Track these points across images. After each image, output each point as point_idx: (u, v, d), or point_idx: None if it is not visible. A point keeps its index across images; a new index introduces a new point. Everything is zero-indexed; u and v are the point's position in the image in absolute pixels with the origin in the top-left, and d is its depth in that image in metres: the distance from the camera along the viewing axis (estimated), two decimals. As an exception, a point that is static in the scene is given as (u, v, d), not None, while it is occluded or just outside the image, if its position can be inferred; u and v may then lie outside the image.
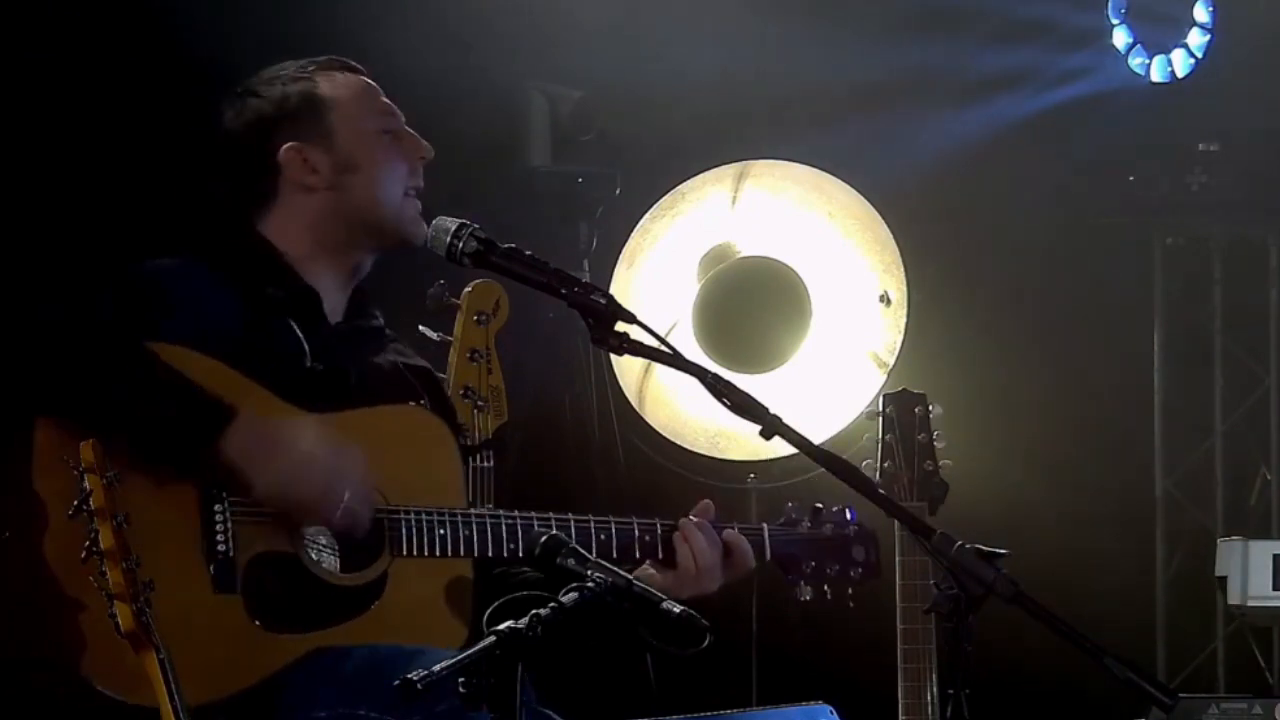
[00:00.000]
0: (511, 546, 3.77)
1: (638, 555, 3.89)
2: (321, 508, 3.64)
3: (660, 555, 3.90)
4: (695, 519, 3.94)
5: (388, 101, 3.98)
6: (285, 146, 3.86)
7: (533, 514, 3.81)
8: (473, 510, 3.78)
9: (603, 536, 3.84)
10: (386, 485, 3.73)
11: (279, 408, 3.70)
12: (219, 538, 3.62)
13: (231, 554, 3.62)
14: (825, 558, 4.05)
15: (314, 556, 3.71)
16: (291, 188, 3.88)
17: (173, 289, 3.75)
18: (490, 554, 3.76)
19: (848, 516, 4.08)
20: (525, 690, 3.00)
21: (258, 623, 3.62)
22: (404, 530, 3.72)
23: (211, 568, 3.60)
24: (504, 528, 3.77)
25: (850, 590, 4.07)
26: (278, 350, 3.78)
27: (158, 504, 3.57)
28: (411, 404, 3.88)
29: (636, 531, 3.88)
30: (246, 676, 3.60)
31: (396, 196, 3.89)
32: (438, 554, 3.73)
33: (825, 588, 4.06)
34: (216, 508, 3.62)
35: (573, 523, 3.83)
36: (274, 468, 3.60)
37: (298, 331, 3.82)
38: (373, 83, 3.98)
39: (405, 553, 3.72)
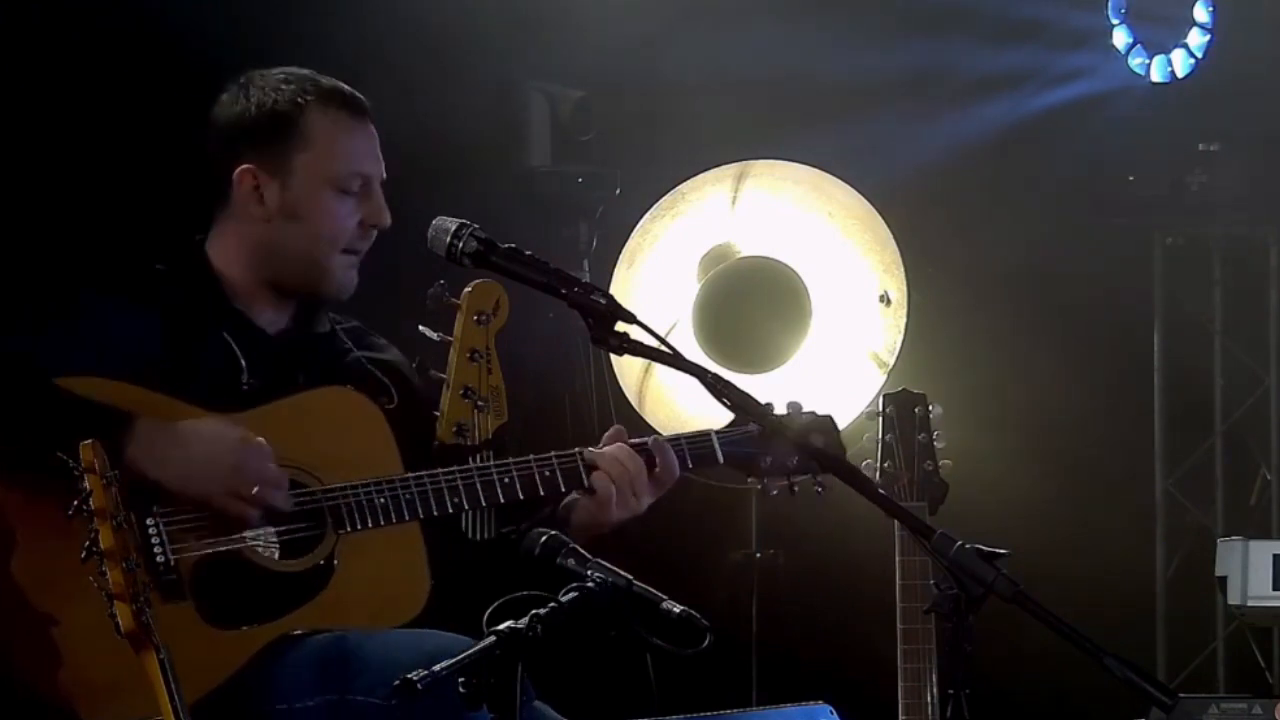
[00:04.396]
0: (455, 501, 3.79)
1: (542, 492, 3.88)
2: (230, 502, 3.65)
3: (564, 488, 3.90)
4: (616, 445, 3.94)
5: (374, 156, 3.94)
6: (242, 166, 3.87)
7: (471, 466, 3.81)
8: (410, 475, 3.79)
9: (505, 480, 3.84)
10: (319, 466, 3.75)
11: (197, 415, 3.71)
12: (156, 550, 3.64)
13: (173, 563, 3.64)
14: (783, 450, 4.00)
15: (259, 549, 3.71)
16: (239, 206, 3.90)
17: (84, 321, 3.76)
18: (435, 513, 3.77)
19: (800, 406, 4.04)
20: (525, 688, 3.00)
21: (212, 624, 3.64)
22: (343, 506, 3.74)
23: (156, 582, 3.60)
24: (444, 484, 3.78)
25: (818, 481, 4.03)
26: (210, 371, 3.80)
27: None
28: (341, 386, 3.86)
29: (534, 468, 3.87)
30: (212, 677, 3.62)
31: (331, 259, 3.89)
32: (381, 522, 3.74)
33: (790, 481, 4.03)
34: (149, 521, 3.64)
35: (513, 465, 3.83)
36: (176, 468, 3.62)
37: (234, 347, 3.83)
38: (369, 130, 3.95)
39: (349, 528, 3.73)
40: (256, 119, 3.88)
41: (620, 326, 3.40)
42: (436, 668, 2.94)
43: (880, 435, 4.37)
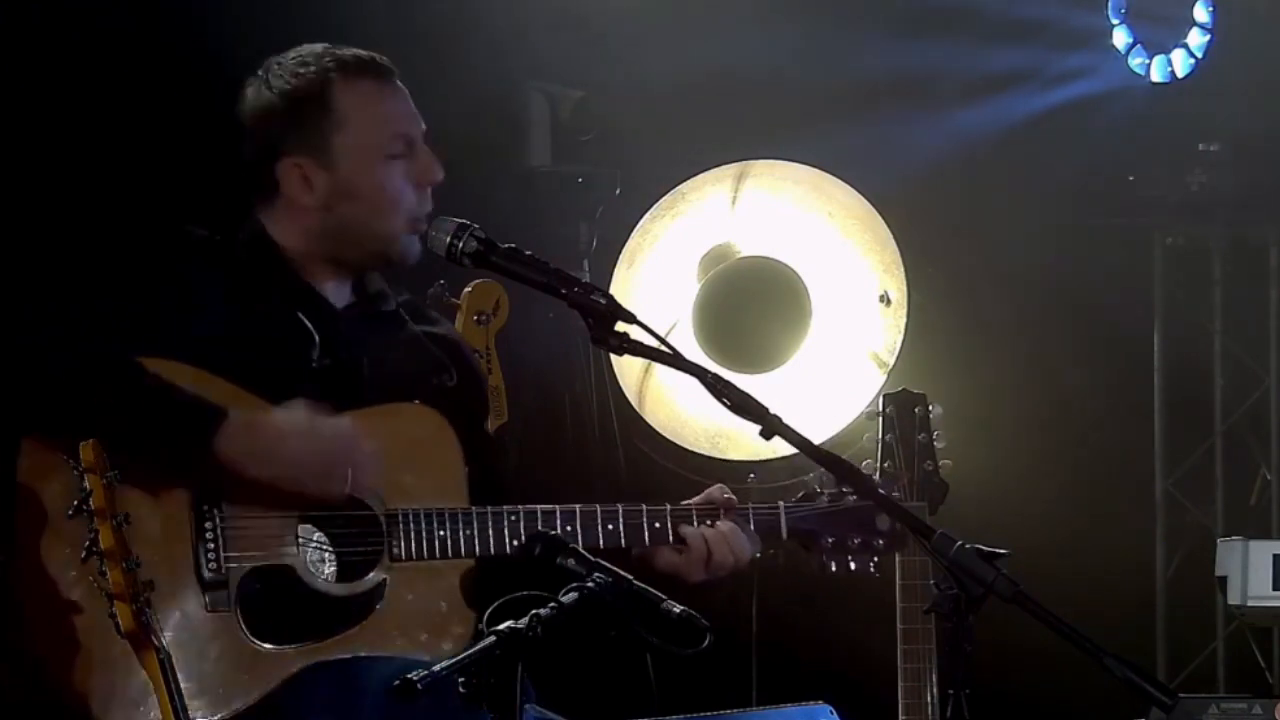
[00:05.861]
0: (515, 543, 3.72)
1: (648, 542, 3.85)
2: (328, 487, 3.60)
3: (670, 540, 3.87)
4: (730, 525, 3.92)
5: (410, 113, 3.88)
6: (285, 160, 3.81)
7: (536, 507, 3.77)
8: (474, 508, 3.74)
9: (609, 526, 3.80)
10: (384, 488, 3.70)
11: (263, 407, 3.66)
12: (210, 556, 3.59)
13: (224, 572, 3.60)
14: (846, 530, 3.98)
15: (310, 568, 3.68)
16: (289, 198, 3.83)
17: (167, 296, 3.71)
18: (492, 552, 3.72)
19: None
20: (525, 689, 3.00)
21: (254, 639, 3.59)
22: (402, 534, 3.68)
23: (204, 587, 3.59)
24: (505, 524, 3.73)
25: (875, 560, 4.00)
26: (283, 348, 3.75)
27: (149, 522, 3.55)
28: (415, 401, 3.82)
29: (645, 519, 3.84)
30: (247, 694, 3.58)
31: (395, 228, 3.82)
32: (437, 556, 3.69)
33: (849, 559, 4.00)
34: (208, 525, 3.60)
35: (578, 513, 3.79)
36: (273, 458, 3.57)
37: (307, 324, 3.78)
38: (398, 89, 3.88)
39: (404, 557, 3.68)
40: (286, 110, 3.81)
41: (620, 326, 3.40)
42: (436, 668, 2.94)
43: (880, 435, 4.37)
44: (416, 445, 3.78)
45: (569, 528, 3.77)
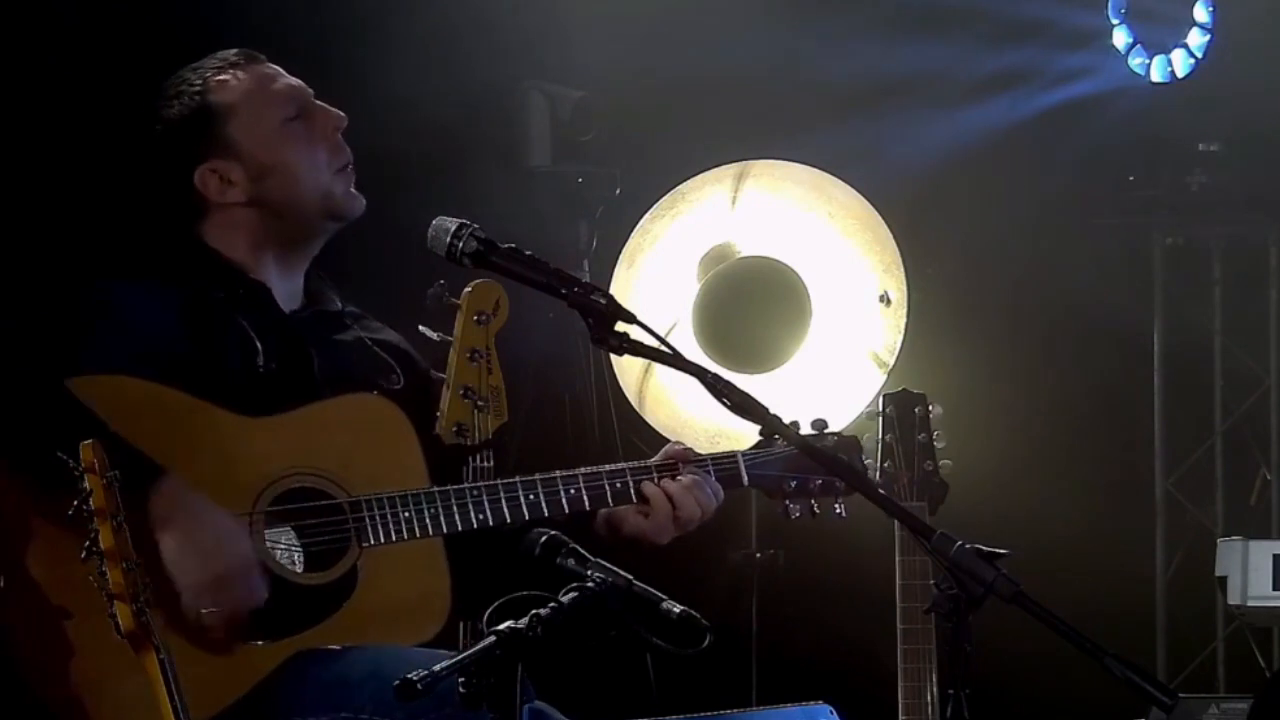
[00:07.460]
0: (480, 517, 3.75)
1: (611, 502, 3.88)
2: (191, 601, 3.57)
3: (634, 499, 3.89)
4: (692, 477, 3.93)
5: (289, 84, 3.98)
6: (199, 170, 3.91)
7: (498, 481, 3.79)
8: (435, 488, 3.76)
9: (571, 491, 3.83)
10: (345, 476, 3.73)
11: (229, 421, 3.69)
12: None
13: None
14: (808, 472, 4.00)
15: (280, 559, 3.69)
16: (217, 204, 3.92)
17: (109, 312, 3.75)
18: (460, 528, 3.74)
19: (825, 424, 4.04)
20: (525, 689, 3.00)
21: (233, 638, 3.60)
22: (368, 519, 3.71)
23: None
24: (469, 499, 3.75)
25: (840, 503, 4.02)
26: (228, 356, 3.79)
27: None
28: (371, 393, 3.86)
29: (606, 480, 3.87)
30: (230, 691, 3.59)
31: (322, 182, 3.93)
32: (405, 537, 3.72)
33: (813, 503, 4.02)
34: None
35: (539, 482, 3.82)
36: (175, 539, 3.55)
37: (250, 331, 3.83)
38: (270, 68, 3.99)
39: (372, 541, 3.70)
40: (178, 130, 3.93)
41: (620, 326, 3.40)
42: (436, 668, 2.94)
43: (880, 435, 4.37)
44: (374, 433, 3.81)
45: (531, 496, 3.80)
